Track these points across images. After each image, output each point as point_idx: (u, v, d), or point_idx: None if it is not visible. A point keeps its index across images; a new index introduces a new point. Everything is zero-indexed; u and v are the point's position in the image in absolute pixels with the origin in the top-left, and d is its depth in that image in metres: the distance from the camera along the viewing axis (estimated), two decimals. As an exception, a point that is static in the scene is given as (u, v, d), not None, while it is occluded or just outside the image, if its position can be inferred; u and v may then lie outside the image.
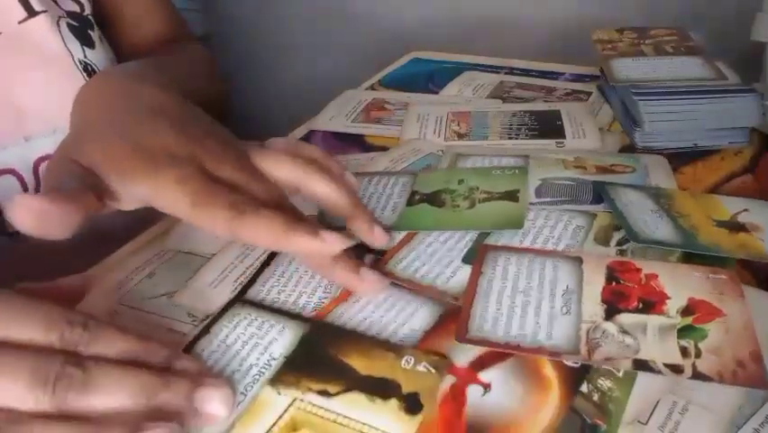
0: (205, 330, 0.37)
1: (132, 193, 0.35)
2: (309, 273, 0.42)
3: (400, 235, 0.45)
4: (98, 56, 0.49)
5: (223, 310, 0.39)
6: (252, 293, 0.40)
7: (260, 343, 0.36)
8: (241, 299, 0.40)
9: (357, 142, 0.60)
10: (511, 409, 0.32)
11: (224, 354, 0.36)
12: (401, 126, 0.61)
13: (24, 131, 0.43)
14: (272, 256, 0.44)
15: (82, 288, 0.34)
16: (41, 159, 0.43)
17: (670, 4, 0.89)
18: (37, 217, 0.31)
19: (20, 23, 0.44)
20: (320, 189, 0.39)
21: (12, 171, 0.42)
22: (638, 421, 0.31)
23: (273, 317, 0.38)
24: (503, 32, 1.02)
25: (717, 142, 0.56)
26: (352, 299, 0.39)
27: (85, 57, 0.47)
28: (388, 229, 0.44)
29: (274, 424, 0.31)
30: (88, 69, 0.47)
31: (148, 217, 0.54)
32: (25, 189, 0.43)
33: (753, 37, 0.59)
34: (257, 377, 0.34)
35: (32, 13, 0.44)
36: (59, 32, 0.46)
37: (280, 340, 0.36)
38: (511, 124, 0.60)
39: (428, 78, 0.74)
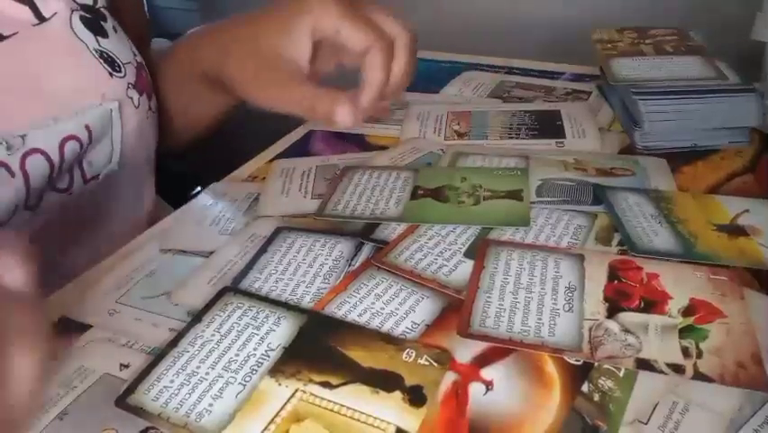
0: (197, 319, 0.37)
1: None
2: (307, 263, 0.42)
3: (401, 228, 0.45)
4: (113, 44, 0.50)
5: (214, 299, 0.39)
6: (246, 283, 0.41)
7: (256, 333, 0.36)
8: (232, 288, 0.40)
9: (357, 142, 0.59)
10: (513, 407, 0.32)
11: (219, 343, 0.36)
12: (401, 126, 0.61)
13: (52, 113, 0.45)
14: (268, 244, 0.44)
15: None
16: (66, 138, 0.45)
17: (670, 4, 0.89)
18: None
19: (33, 26, 0.46)
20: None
21: (39, 151, 0.44)
22: (638, 421, 0.31)
23: (269, 307, 0.38)
24: (503, 32, 1.01)
25: (717, 142, 0.55)
26: (352, 288, 0.39)
27: (99, 45, 0.49)
28: (396, 220, 0.46)
29: (276, 414, 0.31)
30: (104, 56, 0.49)
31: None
32: (52, 167, 0.44)
33: (753, 37, 0.59)
34: (255, 367, 0.34)
35: (42, 19, 0.46)
36: (72, 27, 0.48)
37: (278, 331, 0.36)
38: (511, 124, 0.60)
39: (428, 78, 0.74)
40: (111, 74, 0.49)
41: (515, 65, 0.76)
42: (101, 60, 0.49)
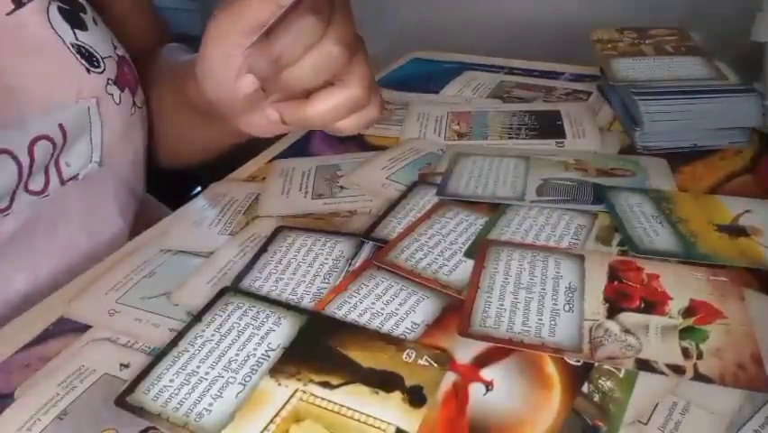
0: (197, 318, 0.37)
1: None
2: (307, 262, 0.42)
3: (401, 227, 0.45)
4: (93, 37, 0.49)
5: (214, 299, 0.39)
6: (246, 283, 0.41)
7: (256, 333, 0.36)
8: (232, 288, 0.40)
9: (357, 142, 0.59)
10: (513, 408, 0.32)
11: (219, 343, 0.36)
12: (401, 126, 0.61)
13: (20, 112, 0.43)
14: (268, 243, 0.44)
15: None
16: (36, 138, 0.44)
17: (670, 4, 0.89)
18: None
19: (8, 14, 0.44)
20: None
21: (6, 151, 0.42)
22: (639, 422, 0.31)
23: (269, 307, 0.38)
24: (503, 32, 1.01)
25: (717, 142, 0.56)
26: (352, 288, 0.39)
27: (76, 39, 0.47)
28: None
29: (276, 415, 0.31)
30: (82, 51, 0.47)
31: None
32: (20, 168, 0.43)
33: (753, 37, 0.59)
34: (255, 367, 0.34)
35: (19, 4, 0.44)
36: (48, 18, 0.46)
37: (278, 331, 0.36)
38: (511, 124, 0.60)
39: (428, 78, 0.74)
40: (88, 70, 0.47)
41: (515, 65, 0.76)
42: (78, 56, 0.47)
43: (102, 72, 0.48)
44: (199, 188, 0.63)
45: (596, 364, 0.34)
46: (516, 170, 0.51)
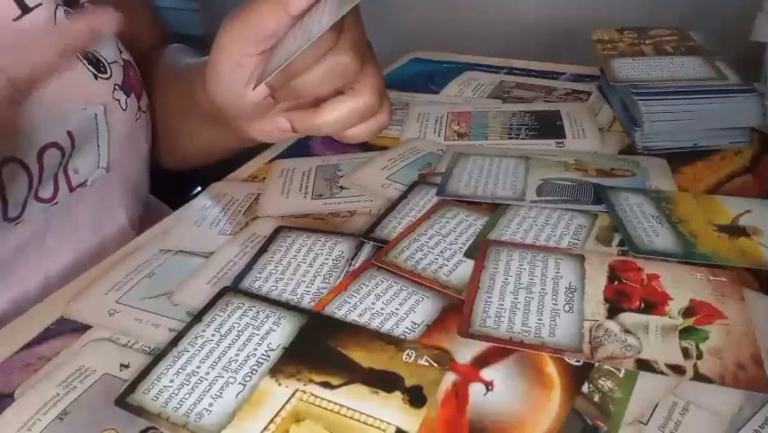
0: (197, 318, 0.37)
1: None
2: (307, 263, 0.42)
3: (401, 227, 0.45)
4: (99, 42, 0.48)
5: (214, 299, 0.39)
6: (246, 283, 0.41)
7: (256, 333, 0.36)
8: (232, 288, 0.40)
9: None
10: (513, 408, 0.32)
11: (219, 343, 0.36)
12: (401, 126, 0.61)
13: (29, 119, 0.43)
14: (268, 243, 0.44)
15: None
16: (46, 146, 0.43)
17: (670, 4, 0.89)
18: None
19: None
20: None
21: (16, 160, 0.42)
22: (639, 422, 0.31)
23: (269, 307, 0.38)
24: (503, 32, 1.01)
25: (718, 142, 0.56)
26: (352, 288, 0.39)
27: None
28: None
29: (276, 415, 0.31)
30: (89, 57, 0.47)
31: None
32: (30, 177, 0.43)
33: (753, 37, 0.59)
34: (255, 367, 0.34)
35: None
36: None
37: (278, 331, 0.36)
38: (511, 124, 0.60)
39: (428, 78, 0.74)
40: (96, 76, 0.47)
41: (515, 65, 0.76)
42: (85, 62, 0.47)
43: (109, 78, 0.48)
44: (199, 189, 0.63)
45: (596, 364, 0.34)
46: (516, 170, 0.51)
